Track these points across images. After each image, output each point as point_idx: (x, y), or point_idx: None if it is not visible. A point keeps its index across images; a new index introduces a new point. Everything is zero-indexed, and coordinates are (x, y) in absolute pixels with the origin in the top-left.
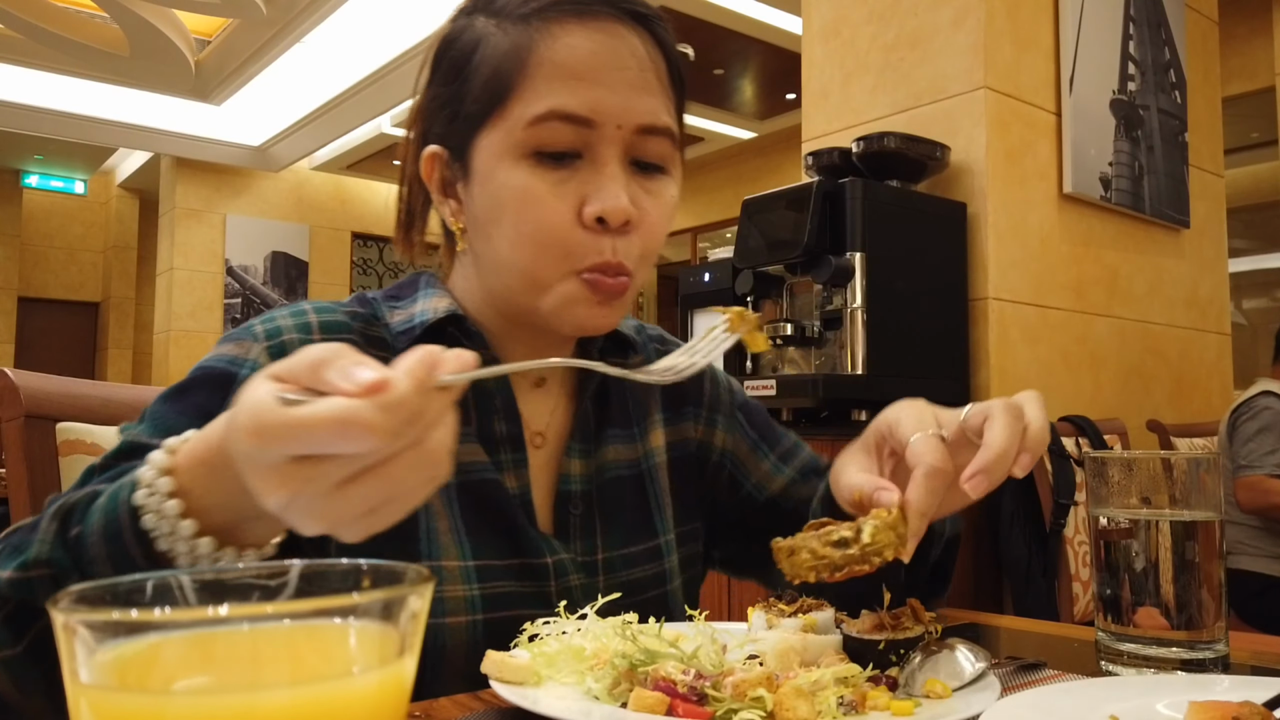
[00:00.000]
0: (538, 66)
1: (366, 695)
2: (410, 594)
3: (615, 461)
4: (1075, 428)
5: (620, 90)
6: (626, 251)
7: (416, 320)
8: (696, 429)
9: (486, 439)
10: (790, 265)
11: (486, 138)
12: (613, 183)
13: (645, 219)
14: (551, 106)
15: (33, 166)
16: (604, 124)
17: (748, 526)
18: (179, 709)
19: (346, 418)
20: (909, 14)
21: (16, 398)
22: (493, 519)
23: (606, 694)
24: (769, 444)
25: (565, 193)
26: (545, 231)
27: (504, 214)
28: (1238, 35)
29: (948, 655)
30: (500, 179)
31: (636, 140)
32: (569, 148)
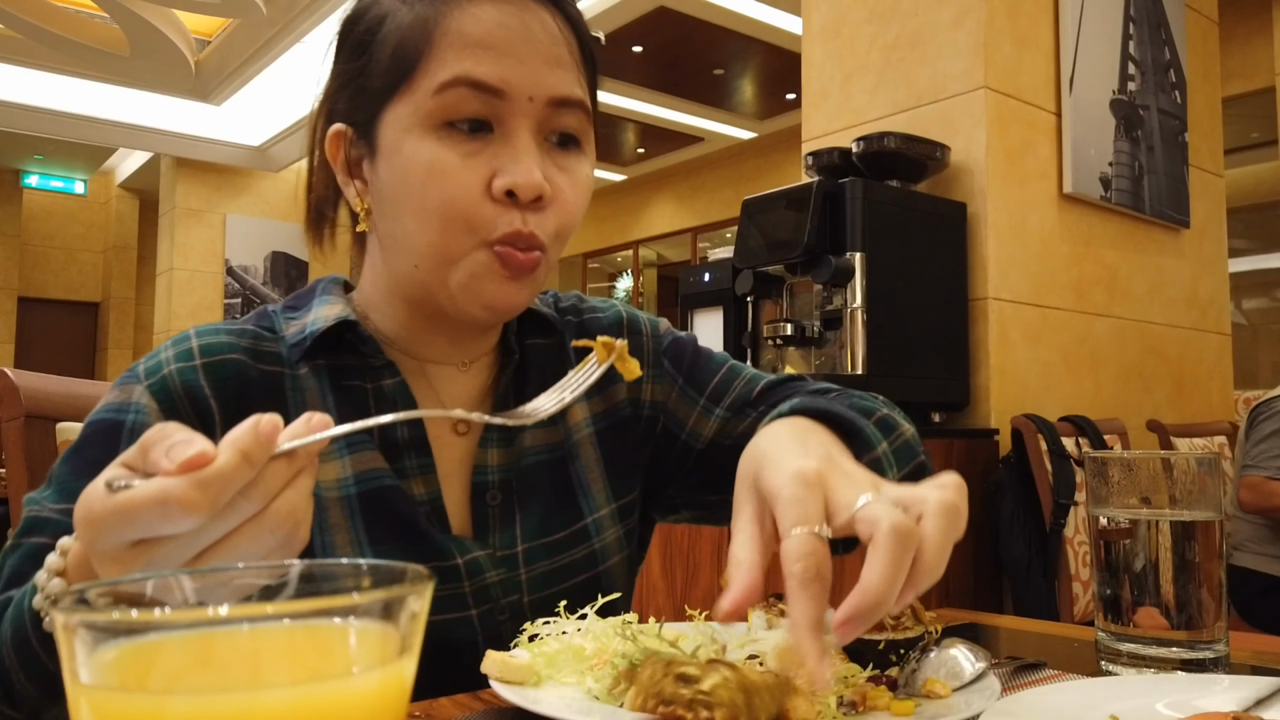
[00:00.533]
0: (443, 37)
1: (366, 695)
2: (410, 594)
3: (534, 446)
4: (1075, 428)
5: (530, 62)
6: (540, 225)
7: (307, 331)
8: (623, 388)
9: (388, 445)
10: (790, 265)
11: (393, 111)
12: (525, 155)
13: (559, 195)
14: (458, 73)
15: (33, 166)
16: (514, 95)
17: (695, 476)
18: (179, 709)
19: (162, 497)
20: (909, 14)
21: (16, 398)
22: (397, 527)
23: (606, 694)
24: (697, 387)
25: (475, 165)
26: (452, 203)
27: (410, 188)
28: (1238, 35)
29: (947, 655)
30: (407, 151)
31: (549, 114)
32: (478, 116)
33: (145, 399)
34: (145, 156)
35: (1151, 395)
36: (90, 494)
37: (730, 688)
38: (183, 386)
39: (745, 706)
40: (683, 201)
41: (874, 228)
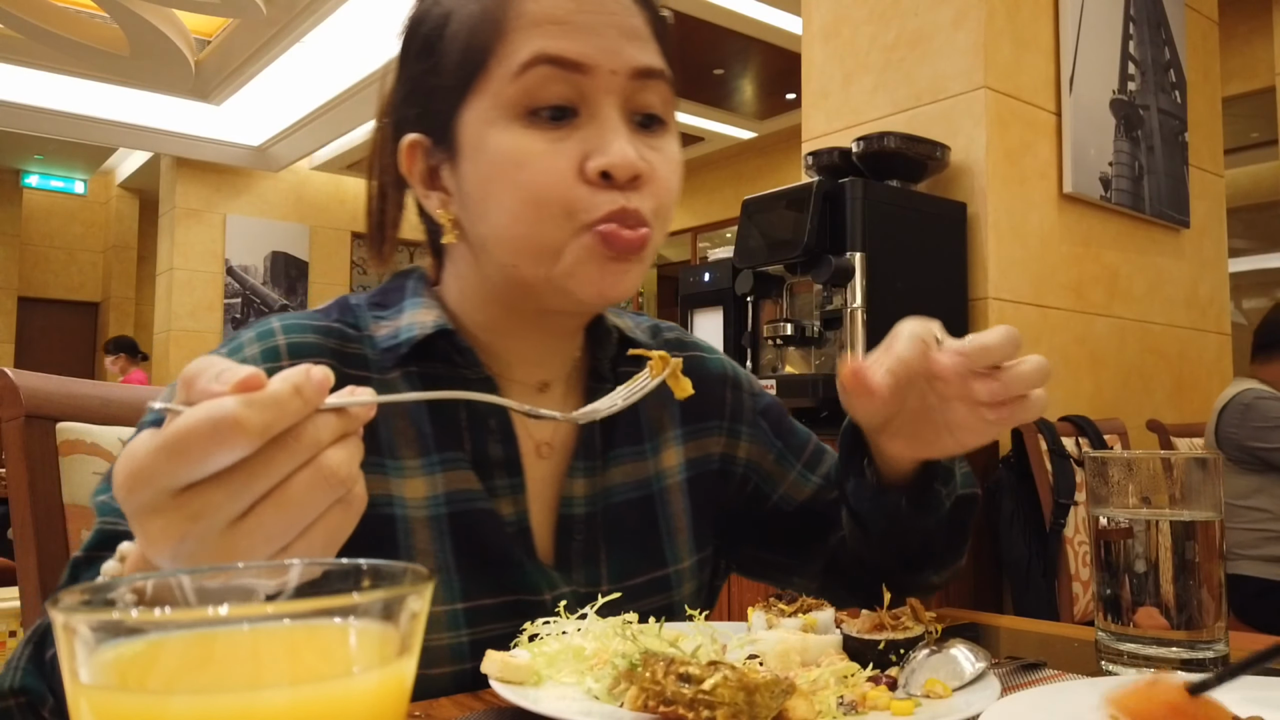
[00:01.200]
0: (515, 20)
1: (366, 695)
2: (410, 594)
3: (623, 483)
4: (1075, 427)
5: (608, 34)
6: (645, 206)
7: (402, 337)
8: (718, 442)
9: (480, 463)
10: (790, 265)
11: (471, 108)
12: (616, 134)
13: (655, 173)
14: (536, 51)
15: (33, 166)
16: (597, 69)
17: (768, 535)
18: (179, 709)
19: (214, 415)
20: (909, 14)
21: (16, 397)
22: (486, 552)
23: (606, 694)
24: (794, 452)
25: (564, 150)
26: (546, 191)
27: (498, 183)
28: (1238, 35)
29: (947, 655)
30: (491, 146)
31: (634, 88)
32: (563, 101)
33: None
34: (145, 156)
35: (1151, 395)
36: (134, 444)
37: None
38: None
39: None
40: (682, 201)
41: (874, 228)
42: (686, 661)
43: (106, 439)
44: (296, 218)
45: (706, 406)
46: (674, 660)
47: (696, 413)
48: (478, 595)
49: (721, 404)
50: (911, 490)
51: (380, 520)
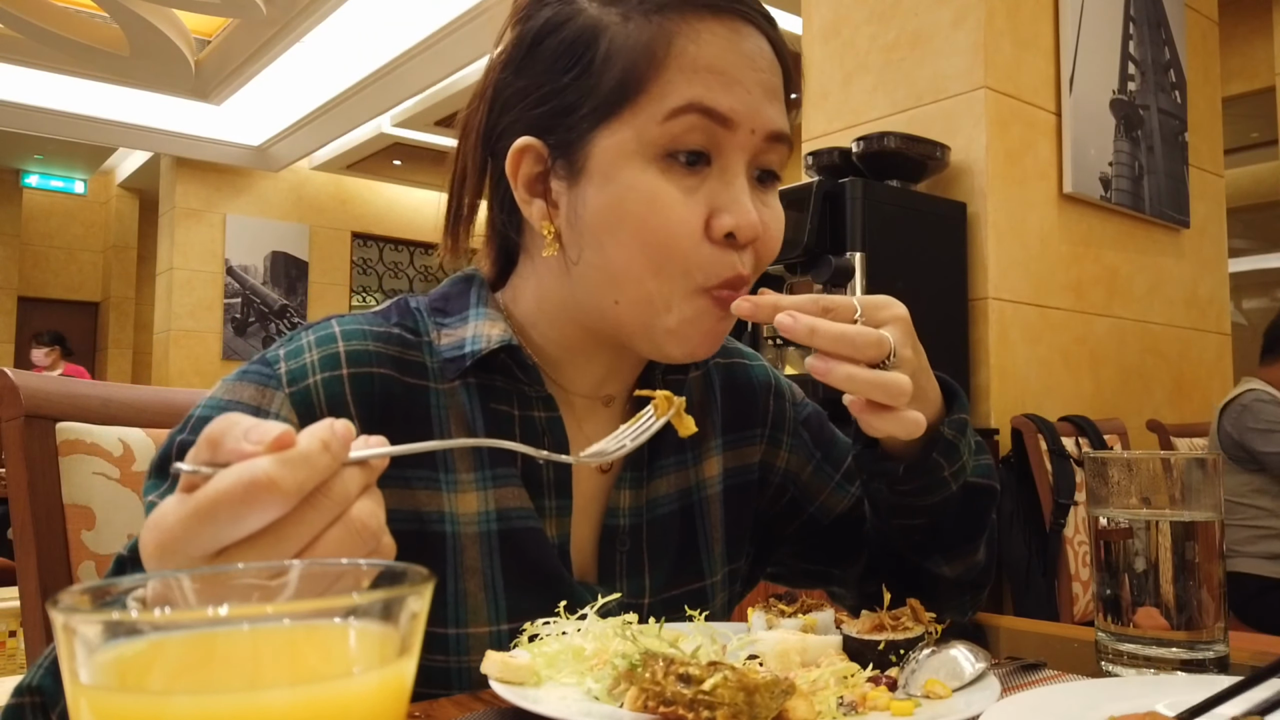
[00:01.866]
0: (676, 59)
1: (366, 696)
2: (410, 594)
3: (667, 494)
4: (1075, 428)
5: (755, 92)
6: (748, 265)
7: (467, 350)
8: (758, 451)
9: (532, 481)
10: (790, 265)
11: (611, 135)
12: (744, 194)
13: (765, 233)
14: (691, 99)
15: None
16: (740, 126)
17: (806, 544)
18: (179, 709)
19: (248, 477)
20: (909, 14)
21: (16, 398)
22: (533, 571)
23: (606, 694)
24: (833, 463)
25: (694, 202)
26: (673, 242)
27: (625, 220)
28: (1237, 35)
29: (947, 655)
30: (626, 181)
31: (763, 148)
32: (702, 148)
33: (286, 409)
34: (145, 156)
35: (1151, 395)
36: (161, 510)
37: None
38: (327, 401)
39: (746, 705)
40: None
41: (874, 227)
42: (686, 662)
43: (106, 439)
44: (296, 217)
45: (749, 415)
46: (673, 661)
47: (738, 421)
48: (522, 615)
49: (764, 412)
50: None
51: (432, 537)
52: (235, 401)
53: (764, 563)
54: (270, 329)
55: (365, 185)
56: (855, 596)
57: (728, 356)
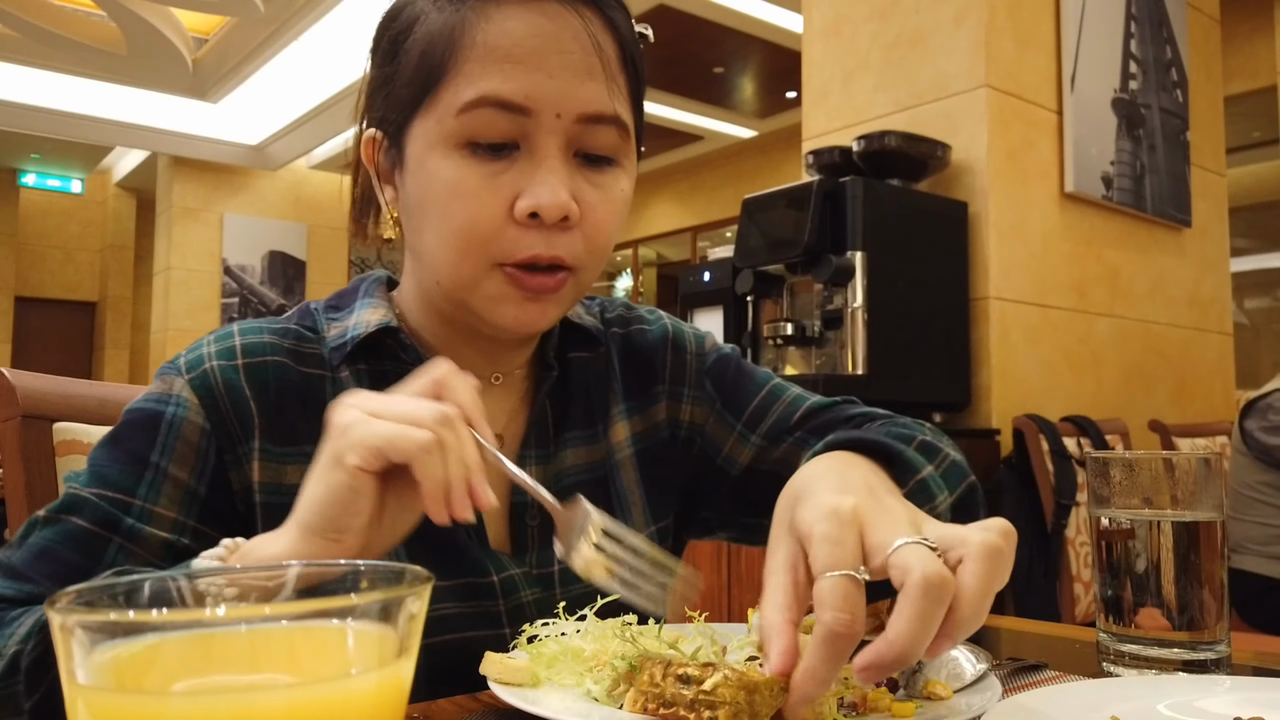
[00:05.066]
0: (469, 49)
1: (365, 696)
2: (408, 595)
3: (574, 466)
4: (1077, 428)
5: (560, 75)
6: (567, 247)
7: (349, 335)
8: (662, 408)
9: None
10: (791, 264)
11: (419, 124)
12: (551, 176)
13: (591, 215)
14: (483, 92)
15: (29, 165)
16: (541, 112)
17: (730, 501)
18: (176, 710)
19: None
20: (910, 12)
21: (13, 398)
22: (435, 538)
23: (606, 695)
24: (734, 411)
25: (498, 185)
26: (474, 226)
27: (432, 206)
28: (1239, 34)
29: (948, 656)
30: (430, 169)
31: (580, 130)
32: (504, 138)
33: (186, 393)
34: (142, 155)
35: (1153, 395)
36: None
37: (732, 686)
38: (224, 384)
39: (747, 704)
40: (683, 200)
41: (875, 227)
42: (684, 663)
43: None
44: (294, 217)
45: (649, 376)
46: (671, 662)
47: (639, 385)
48: None
49: (662, 369)
50: None
51: None
52: (147, 397)
53: (694, 518)
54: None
55: None
56: None
57: (626, 325)
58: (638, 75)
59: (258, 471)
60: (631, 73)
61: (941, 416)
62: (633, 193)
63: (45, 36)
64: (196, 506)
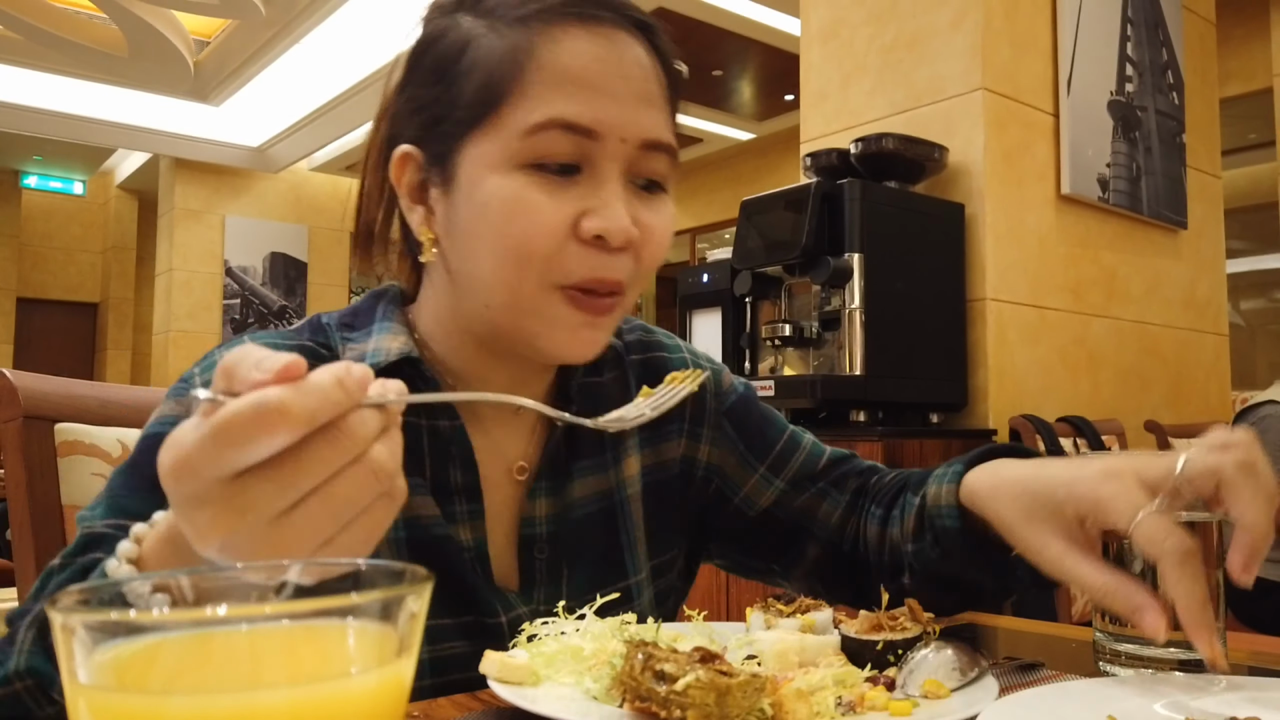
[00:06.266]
0: (537, 71)
1: (365, 695)
2: (409, 594)
3: (584, 497)
4: (1073, 428)
5: (625, 101)
6: (625, 270)
7: (367, 363)
8: (679, 445)
9: (441, 489)
10: (789, 266)
11: (477, 145)
12: (615, 199)
13: (648, 238)
14: (552, 115)
15: (31, 167)
16: (607, 136)
17: (742, 540)
18: (177, 709)
19: (259, 401)
20: (907, 15)
21: (15, 398)
22: (445, 576)
23: (605, 694)
24: (758, 453)
25: (561, 203)
26: (532, 241)
27: (489, 224)
28: (1235, 36)
29: (945, 655)
30: (489, 188)
31: (638, 156)
32: (569, 159)
33: None
34: (144, 157)
35: (1149, 396)
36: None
37: (703, 688)
38: None
39: (717, 707)
40: (681, 202)
41: (872, 229)
42: (665, 657)
43: (105, 440)
44: (295, 218)
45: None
46: (652, 655)
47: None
48: (436, 615)
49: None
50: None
51: None
52: (161, 420)
53: (699, 555)
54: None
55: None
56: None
57: (645, 351)
58: (676, 104)
59: None
60: (675, 101)
61: (939, 417)
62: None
63: (46, 39)
64: None
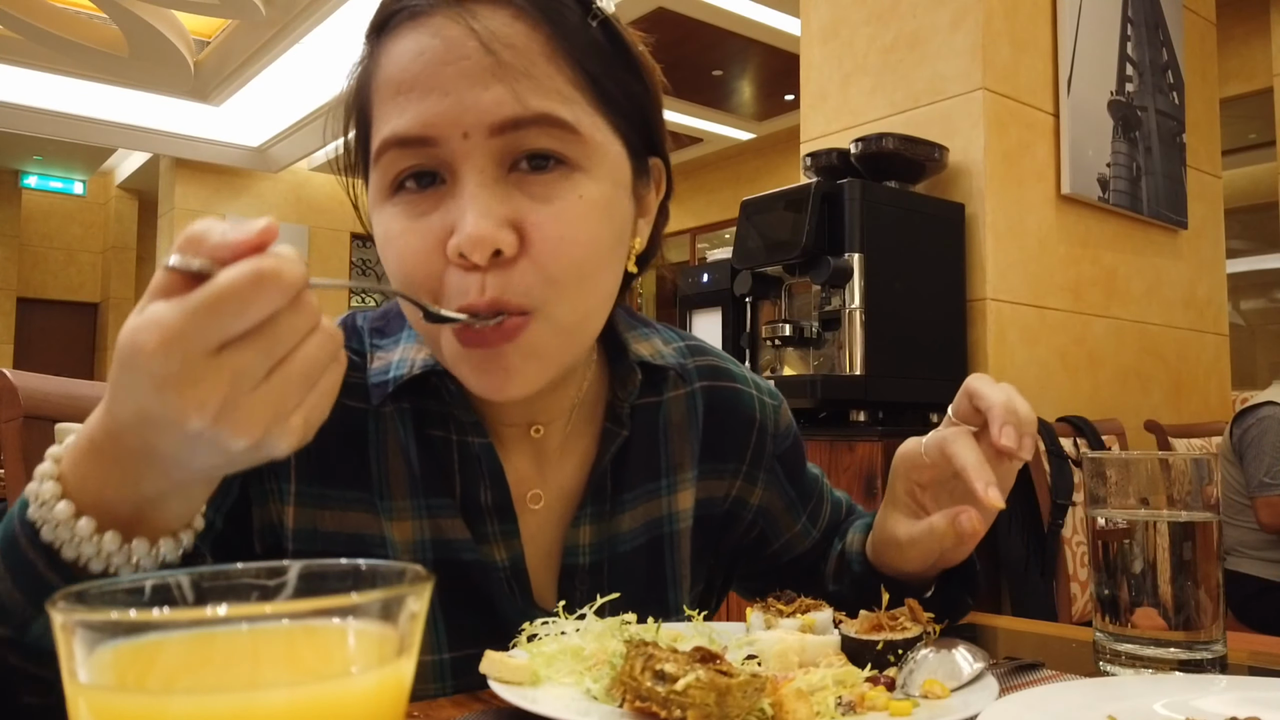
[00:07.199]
0: (376, 91)
1: (365, 695)
2: (409, 594)
3: (631, 530)
4: (1073, 428)
5: (456, 90)
6: (505, 284)
7: (391, 375)
8: (733, 485)
9: (470, 509)
10: (789, 266)
11: (369, 181)
12: (472, 204)
13: (536, 235)
14: (384, 135)
15: (32, 167)
16: (444, 136)
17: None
18: (177, 709)
19: (255, 266)
20: (907, 15)
21: (15, 398)
22: (476, 599)
23: (605, 694)
24: (803, 501)
25: (425, 228)
26: (406, 276)
27: (384, 261)
28: (1235, 36)
29: (945, 655)
30: (376, 226)
31: (503, 143)
32: (422, 170)
33: None
34: (144, 157)
35: (1149, 396)
36: (153, 311)
37: (703, 688)
38: None
39: (717, 707)
40: (681, 202)
41: (872, 229)
42: (665, 657)
43: None
44: (295, 218)
45: (728, 446)
46: (652, 655)
47: (716, 451)
48: (466, 644)
49: (744, 447)
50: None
51: None
52: None
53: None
54: None
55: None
56: None
57: (716, 378)
58: (596, 59)
59: (292, 518)
60: (574, 60)
61: (938, 417)
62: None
63: (47, 39)
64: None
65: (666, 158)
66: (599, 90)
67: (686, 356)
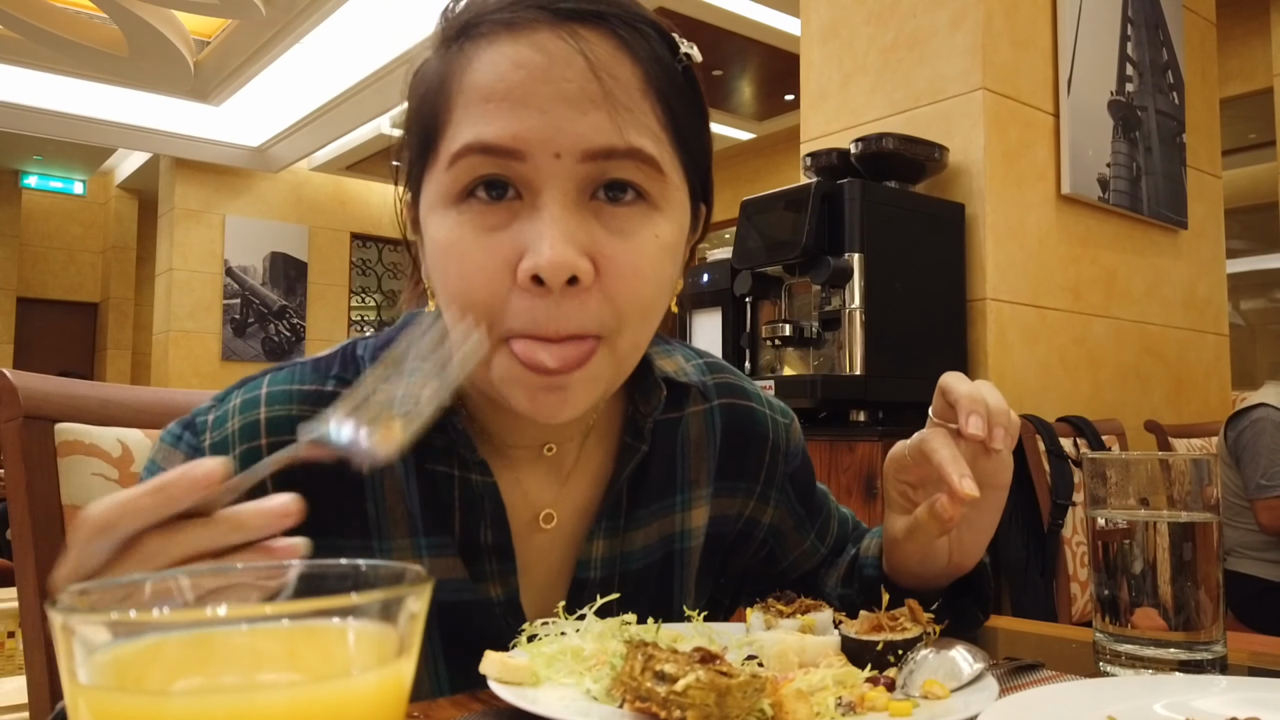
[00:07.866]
0: (459, 94)
1: (365, 695)
2: (409, 594)
3: (644, 547)
4: (1073, 428)
5: (553, 109)
6: (582, 314)
7: None
8: (746, 504)
9: (469, 546)
10: (789, 266)
11: (428, 185)
12: (553, 227)
13: (610, 268)
14: (468, 140)
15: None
16: (534, 153)
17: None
18: (177, 709)
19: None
20: (907, 15)
21: (15, 398)
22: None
23: (605, 694)
24: (811, 519)
25: (496, 244)
26: (470, 292)
27: (438, 270)
28: (1235, 36)
29: (945, 656)
30: (432, 231)
31: (590, 170)
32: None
33: None
34: (144, 157)
35: (1149, 396)
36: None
37: (703, 688)
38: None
39: (717, 707)
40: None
41: (872, 229)
42: (665, 657)
43: (105, 440)
44: (295, 218)
45: (743, 465)
46: (652, 656)
47: (731, 469)
48: (466, 687)
49: (759, 467)
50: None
51: None
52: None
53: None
54: (269, 330)
55: (364, 186)
56: None
57: (734, 396)
58: (680, 102)
59: None
60: (664, 100)
61: None
62: (678, 238)
63: (46, 38)
64: None
65: (711, 205)
66: (679, 133)
67: (706, 374)
